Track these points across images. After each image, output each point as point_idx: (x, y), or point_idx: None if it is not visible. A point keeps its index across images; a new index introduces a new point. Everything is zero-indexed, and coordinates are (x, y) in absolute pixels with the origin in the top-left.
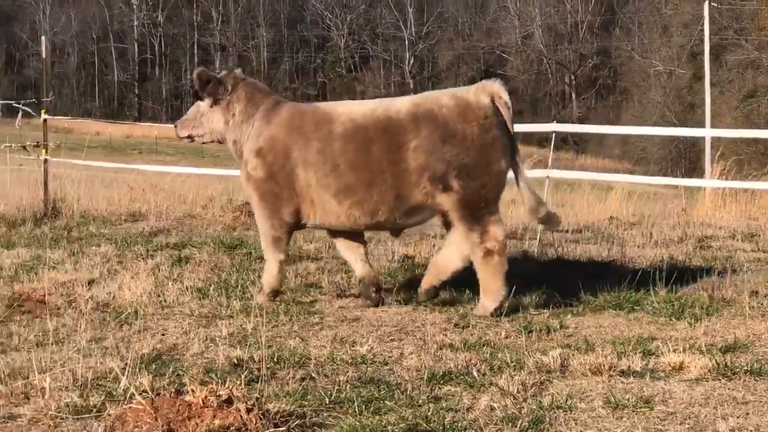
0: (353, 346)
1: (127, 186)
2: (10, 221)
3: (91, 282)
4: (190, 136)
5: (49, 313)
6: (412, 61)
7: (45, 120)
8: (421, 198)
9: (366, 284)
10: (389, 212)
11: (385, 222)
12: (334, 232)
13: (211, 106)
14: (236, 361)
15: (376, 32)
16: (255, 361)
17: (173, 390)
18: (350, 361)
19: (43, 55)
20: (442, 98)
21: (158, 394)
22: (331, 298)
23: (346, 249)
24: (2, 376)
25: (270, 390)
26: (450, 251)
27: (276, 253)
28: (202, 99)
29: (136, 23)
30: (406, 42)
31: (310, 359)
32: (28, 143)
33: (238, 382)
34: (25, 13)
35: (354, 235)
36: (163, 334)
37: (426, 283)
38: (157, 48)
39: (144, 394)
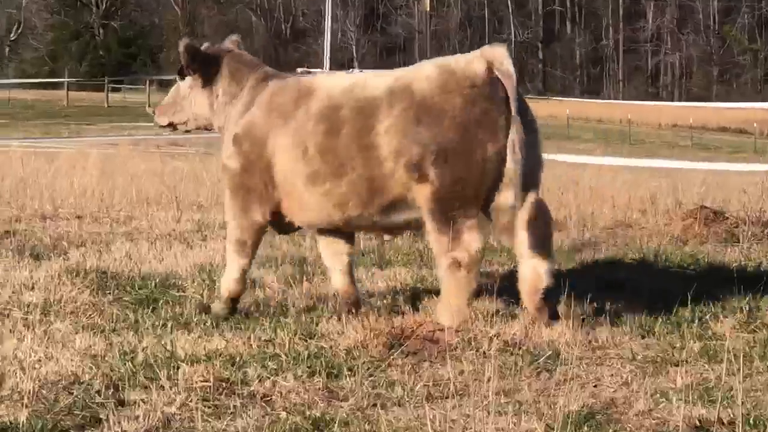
0: None
1: None
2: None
3: (494, 314)
4: (171, 124)
5: (443, 356)
6: None
7: None
8: (399, 191)
9: (343, 300)
10: (361, 206)
11: (360, 218)
12: (320, 233)
13: (192, 87)
14: (698, 423)
15: None
16: (725, 423)
17: None
18: None
19: (427, 7)
20: (423, 68)
21: None
22: None
23: (329, 254)
24: None
25: None
26: (525, 263)
27: (240, 256)
28: (183, 77)
29: None
30: None
31: None
32: None
33: None
34: None
35: (341, 239)
36: (595, 385)
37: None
38: None
39: None
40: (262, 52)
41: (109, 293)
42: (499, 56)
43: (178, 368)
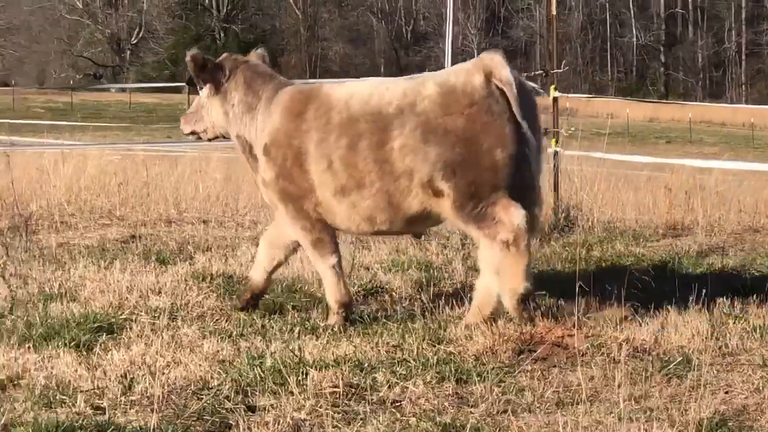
0: None
1: (663, 188)
2: None
3: (623, 319)
4: (193, 132)
5: (572, 361)
6: None
7: (555, 99)
8: (418, 206)
9: (250, 288)
10: (389, 221)
11: (389, 230)
12: (274, 225)
13: (208, 97)
14: None
15: None
16: None
17: None
18: None
19: (552, 10)
20: (426, 86)
21: None
22: None
23: (265, 250)
24: None
25: None
26: (486, 276)
27: (324, 257)
28: (198, 88)
29: None
30: None
31: None
32: None
33: None
34: None
35: (283, 245)
36: (726, 392)
37: (471, 317)
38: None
39: None
40: (382, 56)
41: (236, 298)
42: (496, 65)
43: (306, 374)
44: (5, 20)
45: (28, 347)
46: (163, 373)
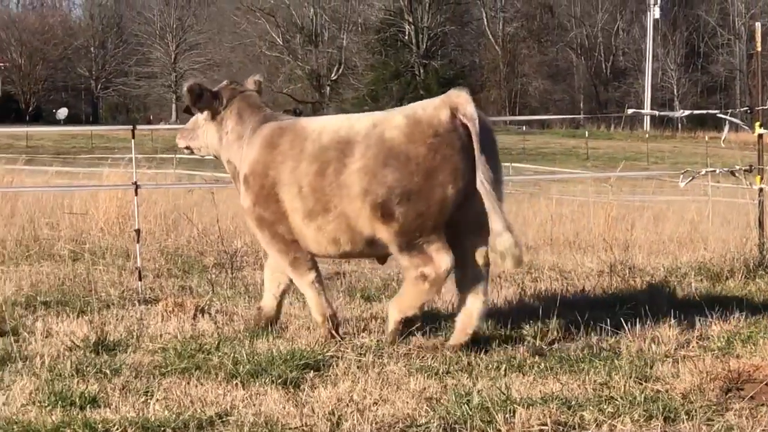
0: None
1: None
2: (714, 273)
3: None
4: (188, 148)
5: None
6: None
7: (760, 136)
8: (369, 227)
9: (260, 313)
10: (351, 242)
11: (352, 252)
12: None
13: (206, 120)
14: None
15: None
16: None
17: None
18: None
19: (757, 46)
20: (394, 117)
21: None
22: None
23: (269, 277)
24: None
25: None
26: (466, 297)
27: (304, 275)
28: (192, 113)
29: None
30: None
31: None
32: (737, 167)
33: None
34: None
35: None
36: None
37: (455, 339)
38: None
39: None
40: (581, 92)
41: (441, 335)
42: (462, 102)
43: (514, 411)
44: (206, 57)
45: (236, 384)
46: (371, 411)
